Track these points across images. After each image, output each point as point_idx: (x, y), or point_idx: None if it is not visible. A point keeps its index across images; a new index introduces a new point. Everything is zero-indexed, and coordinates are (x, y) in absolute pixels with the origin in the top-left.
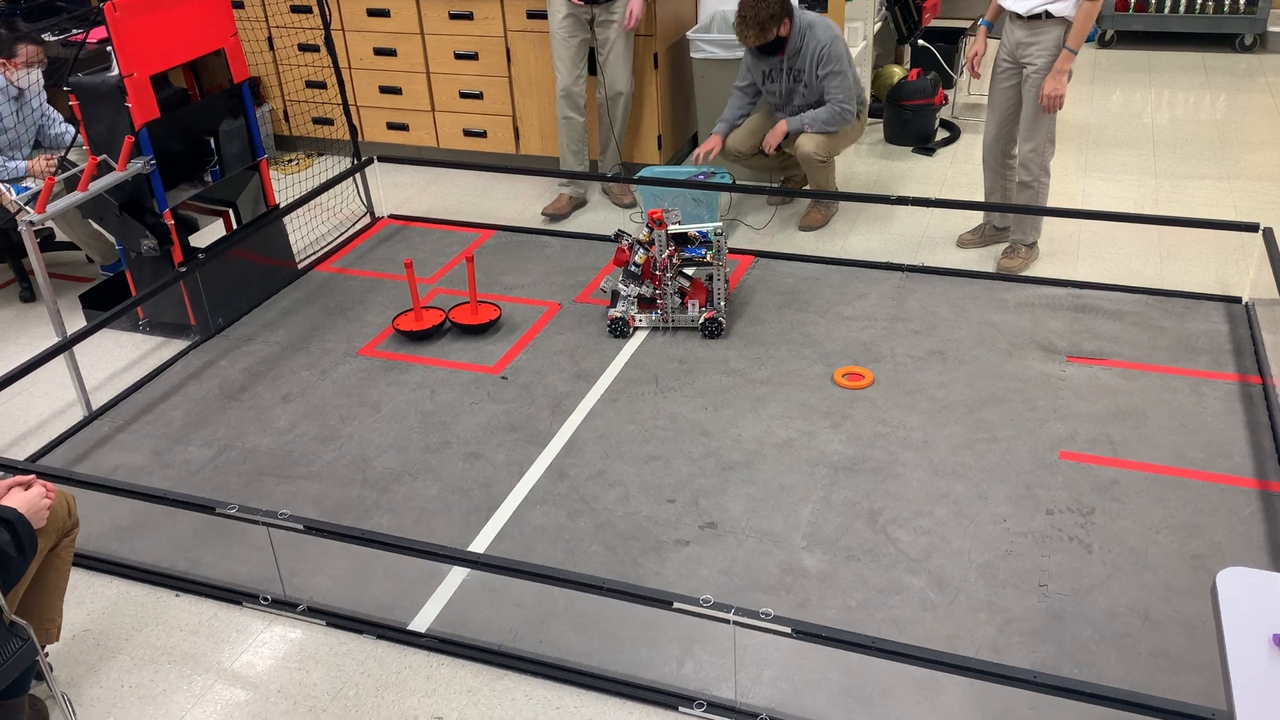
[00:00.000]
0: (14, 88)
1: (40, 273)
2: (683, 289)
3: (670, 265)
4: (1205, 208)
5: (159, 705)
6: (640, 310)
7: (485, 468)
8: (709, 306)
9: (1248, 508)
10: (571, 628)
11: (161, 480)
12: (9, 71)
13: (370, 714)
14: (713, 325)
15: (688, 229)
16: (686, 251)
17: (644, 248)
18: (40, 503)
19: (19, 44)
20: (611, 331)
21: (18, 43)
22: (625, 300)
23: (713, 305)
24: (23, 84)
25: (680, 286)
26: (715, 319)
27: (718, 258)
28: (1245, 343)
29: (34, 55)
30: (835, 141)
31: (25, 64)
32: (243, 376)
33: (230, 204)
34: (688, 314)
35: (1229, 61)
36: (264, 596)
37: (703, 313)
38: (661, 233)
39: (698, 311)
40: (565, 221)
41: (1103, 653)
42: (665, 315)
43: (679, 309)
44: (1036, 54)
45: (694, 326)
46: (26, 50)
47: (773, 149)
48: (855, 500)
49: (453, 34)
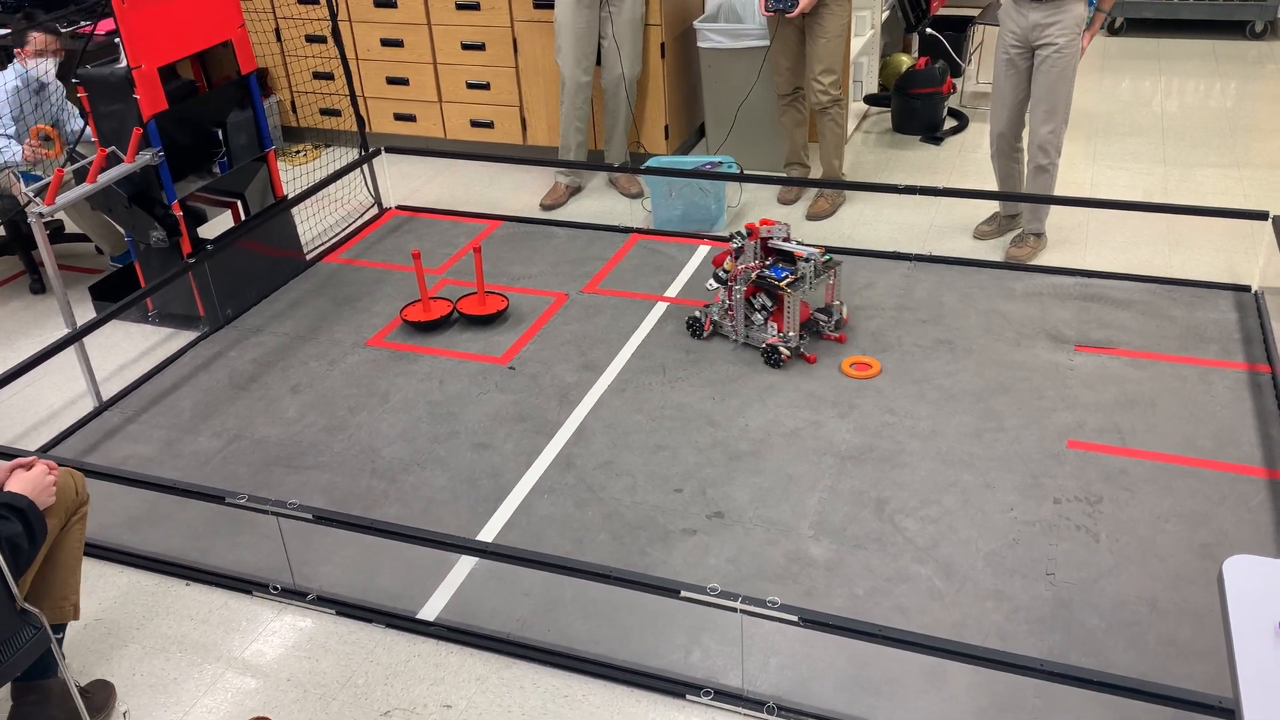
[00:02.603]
0: (37, 81)
1: (50, 264)
2: (765, 307)
3: (744, 277)
4: (1214, 196)
5: (170, 693)
6: (721, 318)
7: (493, 458)
8: (778, 334)
9: (1256, 497)
10: (579, 616)
11: (171, 470)
12: (22, 60)
13: (379, 702)
14: (769, 352)
15: (794, 248)
16: (772, 271)
17: (734, 255)
18: (45, 481)
19: (31, 31)
20: (688, 328)
21: (30, 30)
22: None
23: (783, 334)
24: (42, 75)
25: (763, 304)
26: (773, 347)
27: (795, 286)
28: (1254, 331)
29: (48, 44)
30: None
31: (38, 52)
32: (252, 367)
33: (238, 195)
34: (758, 333)
35: (1239, 48)
36: (274, 586)
37: (769, 336)
38: (752, 243)
39: (767, 333)
40: (569, 211)
41: (1110, 641)
42: (737, 328)
43: (760, 326)
44: (1058, 33)
45: (756, 346)
46: (39, 39)
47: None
48: (862, 489)
49: (460, 24)
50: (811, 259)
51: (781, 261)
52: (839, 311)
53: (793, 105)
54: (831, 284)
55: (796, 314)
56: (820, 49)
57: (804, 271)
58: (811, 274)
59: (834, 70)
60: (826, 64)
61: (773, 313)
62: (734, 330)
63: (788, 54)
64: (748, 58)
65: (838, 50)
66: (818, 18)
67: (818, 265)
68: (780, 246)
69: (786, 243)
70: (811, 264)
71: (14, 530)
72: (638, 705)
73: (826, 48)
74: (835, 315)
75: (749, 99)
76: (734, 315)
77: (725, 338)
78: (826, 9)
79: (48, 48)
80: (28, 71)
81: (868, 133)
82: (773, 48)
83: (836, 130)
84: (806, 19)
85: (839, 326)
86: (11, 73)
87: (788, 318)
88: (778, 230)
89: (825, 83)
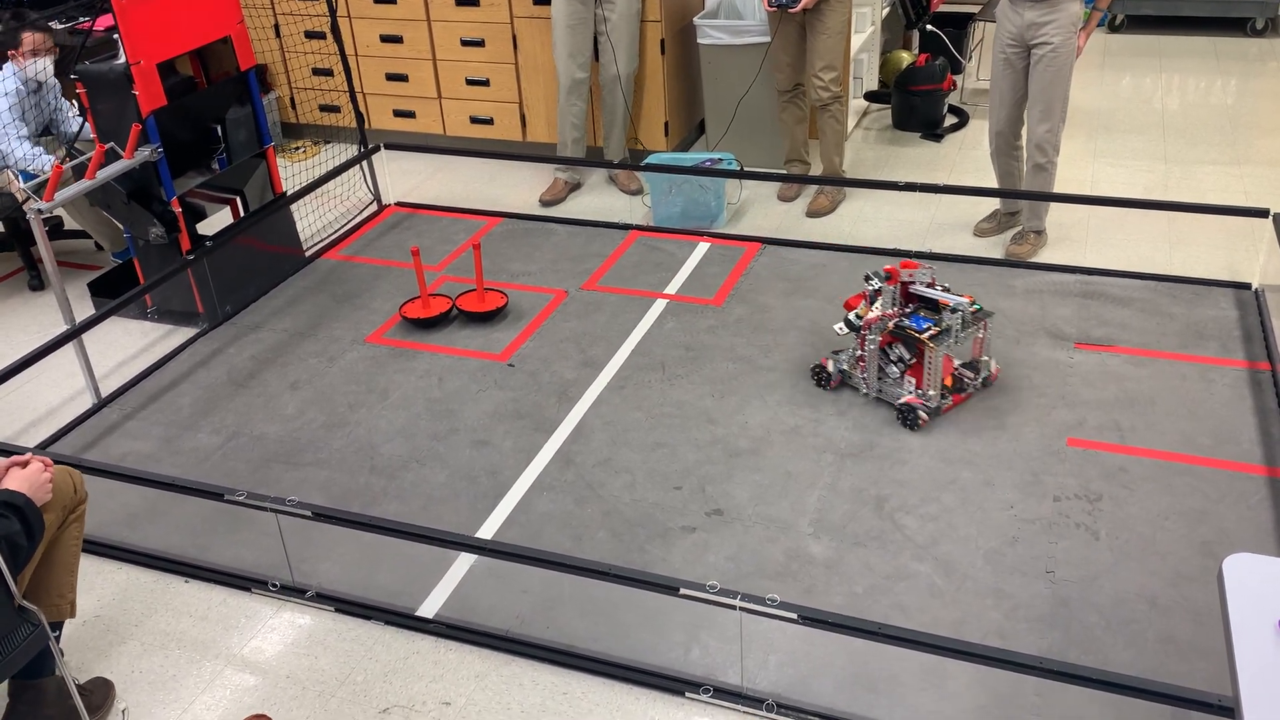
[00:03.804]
0: (34, 81)
1: (49, 261)
2: (902, 359)
3: (880, 326)
4: (1215, 193)
5: (169, 690)
6: (852, 368)
7: (492, 455)
8: (919, 392)
9: (1256, 494)
10: (578, 613)
11: (170, 467)
12: (17, 61)
13: (378, 699)
14: (905, 412)
15: (939, 295)
16: (913, 320)
17: (869, 300)
18: (41, 478)
19: (23, 31)
20: (813, 377)
21: (22, 30)
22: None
23: (922, 392)
24: (37, 75)
25: (900, 356)
26: (913, 408)
27: (939, 339)
28: (1254, 329)
29: (40, 43)
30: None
31: (32, 52)
32: (251, 364)
33: (237, 191)
34: (895, 389)
35: (1240, 46)
36: (272, 583)
37: (906, 394)
38: (891, 287)
39: (903, 389)
40: (569, 207)
41: (1110, 639)
42: (869, 381)
43: (894, 380)
44: (1053, 32)
45: (891, 404)
46: (33, 39)
47: None
48: (862, 487)
49: (459, 20)
50: (960, 309)
51: (924, 309)
52: (987, 368)
53: (793, 102)
54: (980, 337)
55: (939, 370)
56: (821, 45)
57: (950, 323)
58: (959, 326)
59: (835, 67)
60: (827, 60)
61: (910, 366)
62: (864, 382)
63: (789, 50)
64: (748, 54)
65: (839, 47)
66: (819, 14)
67: (966, 316)
68: (923, 293)
69: (931, 289)
70: (960, 315)
71: (12, 528)
72: (637, 702)
73: (828, 44)
74: (983, 372)
75: (749, 95)
76: (865, 366)
77: (854, 389)
78: (828, 5)
79: (41, 47)
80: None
81: (868, 130)
82: (774, 44)
83: (837, 127)
84: (808, 15)
85: (986, 384)
86: (10, 75)
87: (928, 373)
88: (920, 275)
89: (826, 79)
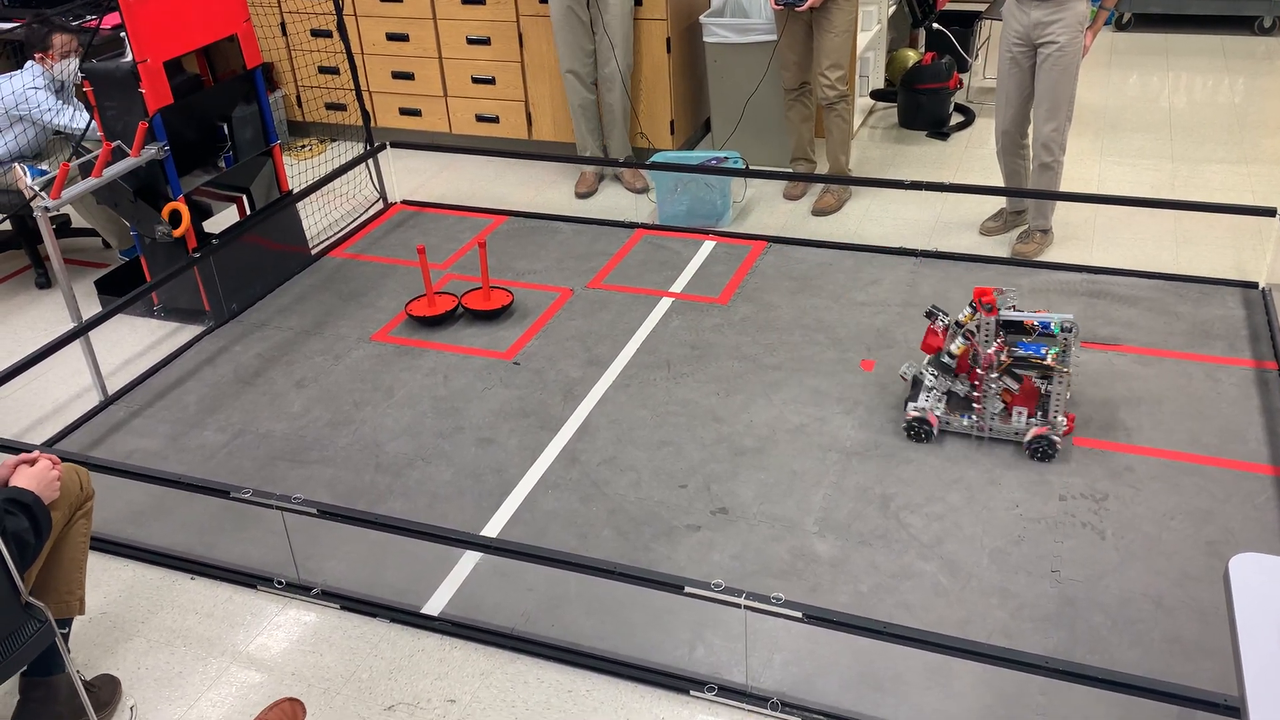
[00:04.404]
0: (58, 81)
1: (56, 258)
2: (1009, 391)
3: (996, 362)
4: (1222, 192)
5: (175, 687)
6: (949, 411)
7: (498, 453)
8: (1040, 420)
9: (1262, 494)
10: (583, 612)
11: (177, 465)
12: (49, 65)
13: (383, 697)
14: (1043, 445)
15: (1024, 317)
16: (1020, 347)
17: (964, 335)
18: (49, 475)
19: (53, 34)
20: (909, 433)
21: (51, 33)
22: (930, 395)
23: (1046, 419)
24: (63, 76)
25: (1005, 388)
26: (1046, 438)
27: (1062, 361)
28: (1261, 328)
29: (68, 44)
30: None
31: (62, 54)
32: (257, 362)
33: (244, 189)
34: (1011, 424)
35: (1248, 44)
36: (278, 580)
37: (1031, 426)
38: (990, 320)
39: (1025, 423)
40: (573, 205)
41: (1115, 639)
42: (982, 422)
43: (1001, 415)
44: (1059, 31)
45: (1017, 440)
46: (62, 40)
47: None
48: (867, 486)
49: (465, 19)
50: (1072, 327)
51: (1019, 335)
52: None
53: (799, 100)
54: None
55: (1065, 395)
56: (828, 44)
57: (1068, 342)
58: (1075, 343)
59: (841, 65)
60: (834, 59)
61: (1015, 397)
62: (976, 426)
63: (795, 49)
64: (754, 53)
65: (845, 45)
66: (826, 13)
67: (1076, 331)
68: (1018, 317)
69: (1017, 311)
70: (1073, 331)
71: (20, 525)
72: (641, 701)
73: (834, 43)
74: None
75: (755, 94)
76: (982, 404)
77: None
78: (835, 4)
79: (69, 48)
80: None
81: (874, 128)
82: (781, 43)
83: (843, 125)
84: (815, 14)
85: None
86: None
87: (1055, 401)
88: (1002, 299)
89: (832, 78)
